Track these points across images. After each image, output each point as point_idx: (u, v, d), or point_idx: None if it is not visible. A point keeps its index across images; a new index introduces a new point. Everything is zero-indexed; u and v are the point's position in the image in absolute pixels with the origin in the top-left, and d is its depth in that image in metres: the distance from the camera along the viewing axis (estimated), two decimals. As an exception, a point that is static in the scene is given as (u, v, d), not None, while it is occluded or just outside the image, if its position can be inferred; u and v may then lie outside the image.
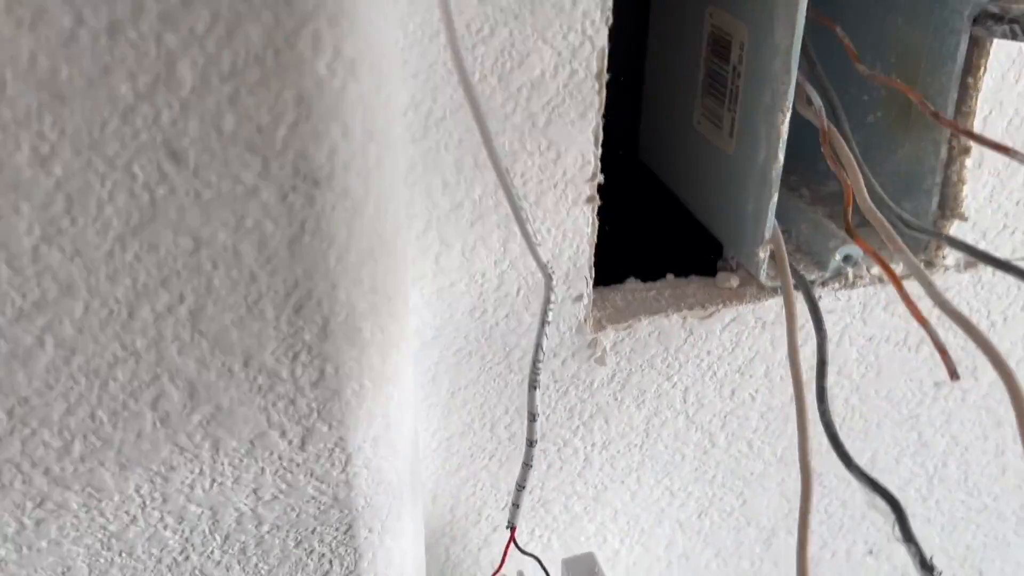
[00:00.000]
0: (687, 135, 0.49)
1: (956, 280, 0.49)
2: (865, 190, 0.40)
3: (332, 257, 0.30)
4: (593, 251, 0.41)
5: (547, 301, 0.36)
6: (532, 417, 0.38)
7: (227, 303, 0.30)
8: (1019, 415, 0.32)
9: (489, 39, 0.34)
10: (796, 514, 0.54)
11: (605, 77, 0.37)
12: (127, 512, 0.33)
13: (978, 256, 0.40)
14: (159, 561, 0.35)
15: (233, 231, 0.28)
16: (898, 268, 0.47)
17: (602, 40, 0.36)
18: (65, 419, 0.30)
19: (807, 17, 0.45)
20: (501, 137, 0.36)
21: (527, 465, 0.39)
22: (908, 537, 0.39)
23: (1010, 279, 0.49)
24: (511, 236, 0.39)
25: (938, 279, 0.48)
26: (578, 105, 0.37)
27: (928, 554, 0.39)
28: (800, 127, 0.42)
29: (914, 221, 0.41)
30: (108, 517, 0.33)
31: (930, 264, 0.48)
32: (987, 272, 0.49)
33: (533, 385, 0.37)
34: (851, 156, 0.41)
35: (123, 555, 0.34)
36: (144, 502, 0.33)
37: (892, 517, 0.40)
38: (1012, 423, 0.56)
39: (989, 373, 0.53)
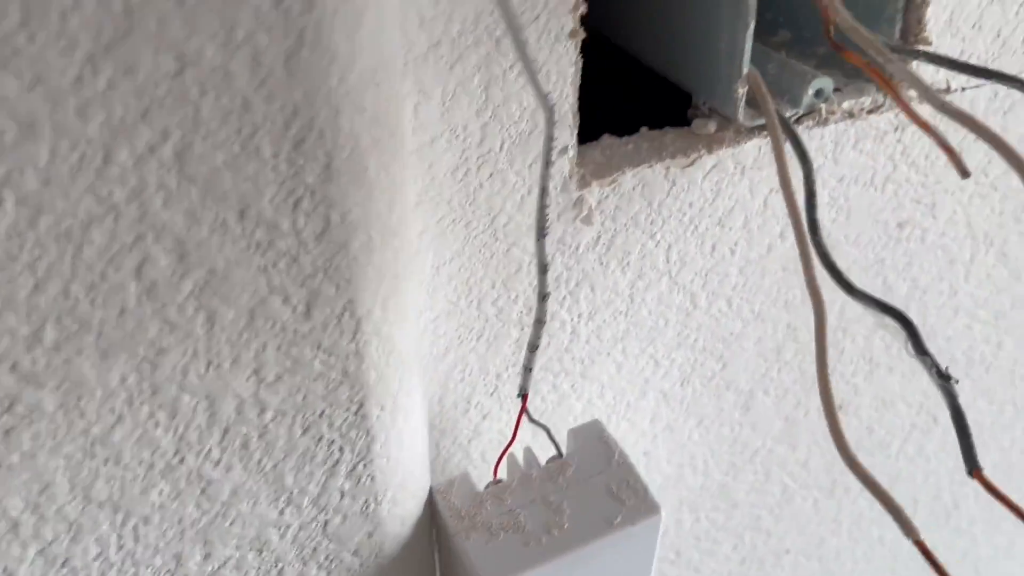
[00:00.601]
0: (642, -17, 0.47)
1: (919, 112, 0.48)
2: (840, 3, 0.39)
3: (334, 76, 0.26)
4: (577, 95, 0.38)
5: (549, 139, 0.33)
6: (543, 269, 0.35)
7: (218, 138, 0.25)
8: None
9: None
10: (773, 372, 0.54)
11: None
12: (112, 410, 0.29)
13: (963, 69, 0.39)
14: (151, 467, 0.30)
15: (222, 46, 0.24)
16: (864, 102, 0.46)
17: None
18: (34, 298, 0.26)
19: None
20: (481, -40, 0.33)
21: (540, 322, 0.36)
22: (922, 351, 0.38)
23: (975, 108, 0.49)
24: (492, 80, 0.36)
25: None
26: (559, -78, 0.34)
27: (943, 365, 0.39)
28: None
29: (890, 41, 0.40)
30: (90, 418, 0.28)
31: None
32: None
33: (542, 234, 0.34)
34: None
35: (109, 463, 0.29)
36: (131, 396, 0.29)
37: (903, 334, 0.39)
38: (964, 260, 0.56)
39: (947, 209, 0.53)
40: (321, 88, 0.26)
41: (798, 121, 0.45)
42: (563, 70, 0.37)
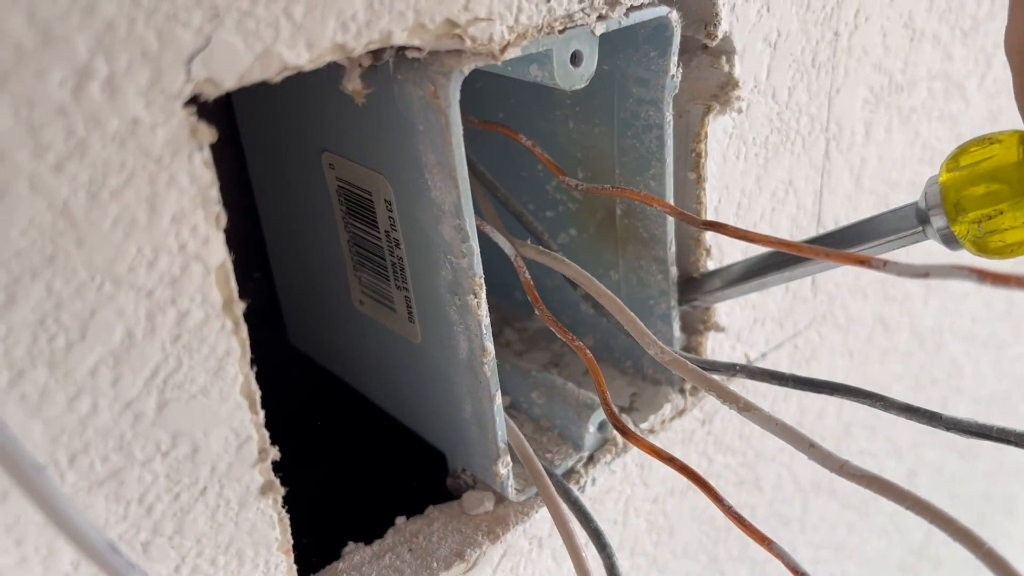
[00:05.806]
0: (353, 319, 0.35)
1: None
2: (653, 335, 0.29)
3: None
4: (293, 561, 0.26)
5: None
6: None
7: None
8: None
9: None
10: None
11: (240, 306, 0.22)
12: None
13: (793, 383, 0.31)
14: None
15: None
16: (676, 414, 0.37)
17: (216, 253, 0.21)
18: None
19: (467, 128, 0.34)
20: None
21: None
22: None
23: (779, 365, 0.42)
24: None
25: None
26: (206, 361, 0.22)
27: None
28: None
29: (706, 360, 0.31)
30: None
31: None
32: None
33: None
34: (613, 298, 0.30)
35: None
36: None
37: None
38: (798, 517, 0.49)
39: (771, 476, 0.45)
40: None
41: (591, 461, 0.35)
42: (262, 539, 0.25)
